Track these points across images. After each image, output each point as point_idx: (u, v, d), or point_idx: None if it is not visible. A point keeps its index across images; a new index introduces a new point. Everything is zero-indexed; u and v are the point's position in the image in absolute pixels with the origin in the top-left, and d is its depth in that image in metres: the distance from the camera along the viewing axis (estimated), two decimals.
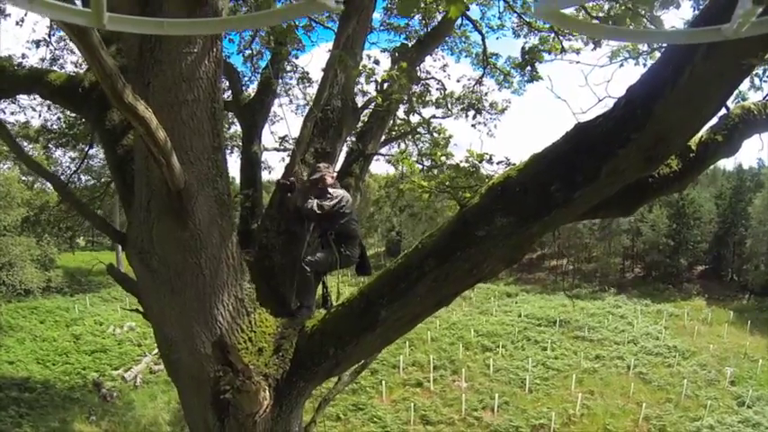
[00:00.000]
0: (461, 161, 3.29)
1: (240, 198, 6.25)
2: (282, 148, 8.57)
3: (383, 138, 6.79)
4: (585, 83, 4.33)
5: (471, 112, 7.82)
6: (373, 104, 5.45)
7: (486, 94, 9.07)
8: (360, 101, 5.82)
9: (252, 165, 6.94)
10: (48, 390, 19.69)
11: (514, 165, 2.94)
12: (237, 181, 7.95)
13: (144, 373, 21.12)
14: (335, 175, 4.11)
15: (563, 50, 8.92)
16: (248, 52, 8.14)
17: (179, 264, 3.13)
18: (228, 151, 10.62)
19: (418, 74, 6.76)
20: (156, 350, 21.33)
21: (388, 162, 12.36)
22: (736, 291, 34.96)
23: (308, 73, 8.42)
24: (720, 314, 29.44)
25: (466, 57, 9.07)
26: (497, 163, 3.18)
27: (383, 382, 19.76)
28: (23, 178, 30.45)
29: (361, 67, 4.51)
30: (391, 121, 7.13)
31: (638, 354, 23.73)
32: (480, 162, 3.04)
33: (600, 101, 4.20)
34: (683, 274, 37.55)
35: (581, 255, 41.22)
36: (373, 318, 2.99)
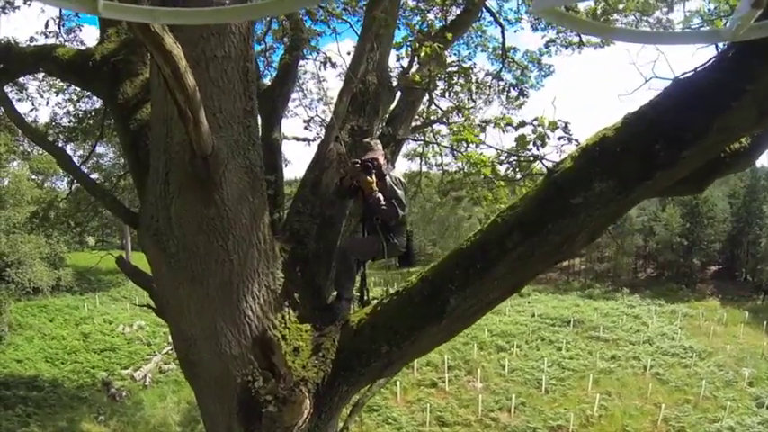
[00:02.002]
0: (526, 132, 2.86)
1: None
2: (307, 131, 8.18)
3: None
4: (632, 63, 4.03)
5: (513, 93, 7.29)
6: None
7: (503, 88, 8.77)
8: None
9: (273, 151, 6.48)
10: (56, 389, 19.62)
11: (576, 140, 2.64)
12: None
13: (153, 372, 20.88)
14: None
15: (581, 45, 8.65)
16: (261, 47, 7.84)
17: (202, 247, 2.68)
18: None
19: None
20: (166, 349, 21.21)
21: (407, 157, 11.98)
22: (750, 291, 34.64)
23: (330, 58, 7.96)
24: (735, 314, 29.21)
25: (482, 51, 8.91)
26: (558, 138, 2.80)
27: (398, 382, 19.38)
28: (33, 177, 30.52)
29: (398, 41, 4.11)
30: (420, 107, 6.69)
31: (654, 354, 23.45)
32: (553, 131, 2.60)
33: (647, 81, 4.01)
34: (696, 273, 37.10)
35: (593, 254, 40.59)
36: (440, 307, 2.54)
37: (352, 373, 2.77)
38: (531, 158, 2.73)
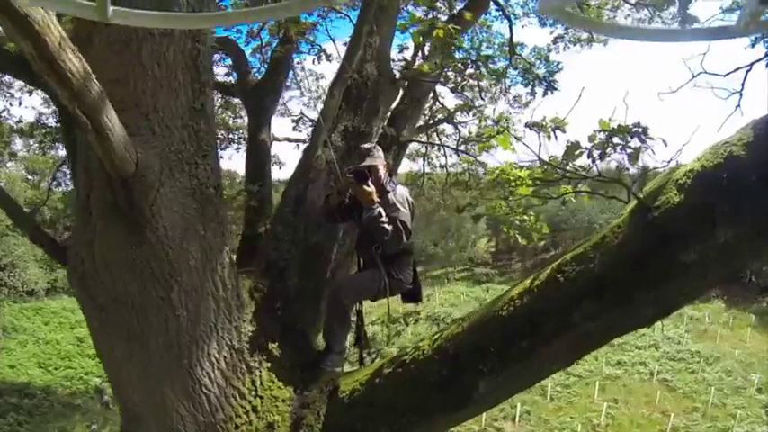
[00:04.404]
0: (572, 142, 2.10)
1: (244, 196, 5.07)
2: (297, 132, 7.48)
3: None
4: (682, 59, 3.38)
5: (541, 88, 6.53)
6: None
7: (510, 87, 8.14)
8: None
9: (260, 155, 5.76)
10: (48, 396, 19.33)
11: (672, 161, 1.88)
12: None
13: None
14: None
15: (591, 41, 8.17)
16: (257, 43, 7.19)
17: (137, 298, 1.96)
18: (235, 146, 9.58)
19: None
20: None
21: (409, 157, 11.31)
22: (755, 293, 33.98)
23: (324, 50, 7.24)
24: (741, 317, 28.73)
25: (488, 48, 8.33)
26: (625, 149, 2.01)
27: None
28: (29, 177, 30.11)
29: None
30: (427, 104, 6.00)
31: (661, 359, 23.05)
32: (624, 139, 1.83)
33: (694, 77, 3.39)
34: None
35: None
36: (465, 393, 1.82)
37: None
38: (586, 175, 1.98)
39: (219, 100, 9.58)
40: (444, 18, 5.86)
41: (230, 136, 10.19)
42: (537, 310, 1.79)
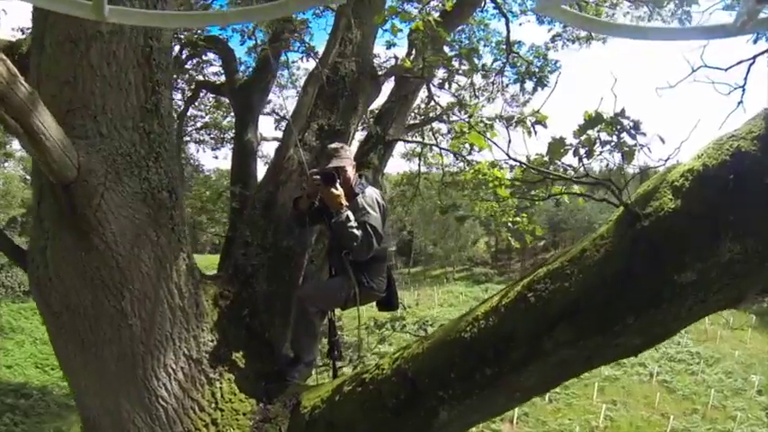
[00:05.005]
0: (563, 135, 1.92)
1: (229, 197, 4.98)
2: (280, 131, 7.38)
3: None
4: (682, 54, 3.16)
5: (530, 84, 6.43)
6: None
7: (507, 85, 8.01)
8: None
9: (245, 155, 5.68)
10: (45, 396, 19.28)
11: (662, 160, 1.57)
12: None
13: None
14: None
15: (589, 39, 8.07)
16: (252, 43, 7.09)
17: (89, 307, 1.88)
18: (230, 146, 9.46)
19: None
20: None
21: (405, 157, 11.20)
22: (756, 293, 33.80)
23: (313, 47, 7.15)
24: (741, 318, 28.78)
25: (485, 46, 8.22)
26: (618, 146, 1.80)
27: None
28: (27, 177, 30.18)
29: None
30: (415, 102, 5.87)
31: (661, 360, 22.91)
32: (612, 134, 1.62)
33: (694, 71, 3.17)
34: None
35: None
36: (424, 420, 1.64)
37: None
38: (563, 176, 1.79)
39: (212, 100, 9.54)
40: (437, 14, 5.77)
41: (224, 136, 10.13)
42: (502, 335, 1.55)
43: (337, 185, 2.27)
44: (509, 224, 4.93)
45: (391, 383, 1.73)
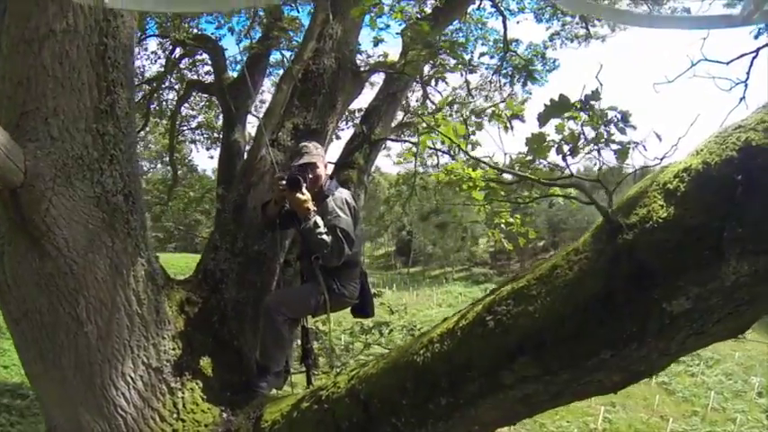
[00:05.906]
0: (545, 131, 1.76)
1: (214, 198, 4.93)
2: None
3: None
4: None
5: (520, 79, 6.34)
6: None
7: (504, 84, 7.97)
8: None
9: (232, 155, 5.63)
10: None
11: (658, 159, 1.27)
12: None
13: None
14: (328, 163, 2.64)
15: (588, 37, 8.07)
16: (247, 42, 7.04)
17: (45, 314, 1.83)
18: (214, 145, 9.42)
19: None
20: None
21: (400, 156, 11.14)
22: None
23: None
24: None
25: (482, 44, 8.18)
26: (606, 142, 1.61)
27: None
28: None
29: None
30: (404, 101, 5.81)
31: None
32: (597, 128, 1.41)
33: (694, 64, 3.04)
34: None
35: None
36: None
37: None
38: (552, 180, 1.62)
39: (205, 99, 9.49)
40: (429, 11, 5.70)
41: (218, 136, 10.10)
42: (457, 363, 1.36)
43: (304, 190, 2.20)
44: (502, 225, 4.86)
45: (345, 405, 1.63)
